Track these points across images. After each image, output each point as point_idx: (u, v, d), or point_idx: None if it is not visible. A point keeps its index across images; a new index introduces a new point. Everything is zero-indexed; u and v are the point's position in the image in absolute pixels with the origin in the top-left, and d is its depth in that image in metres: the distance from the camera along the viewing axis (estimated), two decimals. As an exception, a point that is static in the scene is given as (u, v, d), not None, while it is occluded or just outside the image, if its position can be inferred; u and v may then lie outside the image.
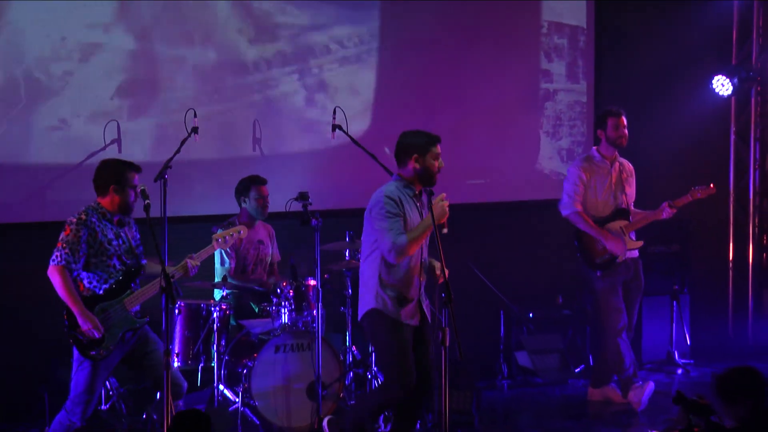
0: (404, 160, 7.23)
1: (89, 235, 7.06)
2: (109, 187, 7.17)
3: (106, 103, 9.06)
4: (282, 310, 8.51)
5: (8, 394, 8.72)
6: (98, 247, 7.08)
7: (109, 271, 7.12)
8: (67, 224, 7.09)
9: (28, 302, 8.79)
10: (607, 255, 8.96)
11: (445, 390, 6.73)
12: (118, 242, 7.18)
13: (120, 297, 7.12)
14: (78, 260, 7.03)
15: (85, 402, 7.12)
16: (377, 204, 7.06)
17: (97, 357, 7.06)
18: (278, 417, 8.39)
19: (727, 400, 5.76)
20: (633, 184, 9.17)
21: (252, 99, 9.60)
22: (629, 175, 9.14)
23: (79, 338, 7.03)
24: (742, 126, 11.58)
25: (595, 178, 8.99)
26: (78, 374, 7.14)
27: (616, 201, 9.03)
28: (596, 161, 9.02)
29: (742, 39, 11.49)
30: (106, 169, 7.27)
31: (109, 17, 9.05)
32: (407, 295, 7.13)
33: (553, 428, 8.69)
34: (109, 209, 7.19)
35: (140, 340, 7.23)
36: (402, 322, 7.10)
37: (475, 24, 10.44)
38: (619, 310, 8.95)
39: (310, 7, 9.76)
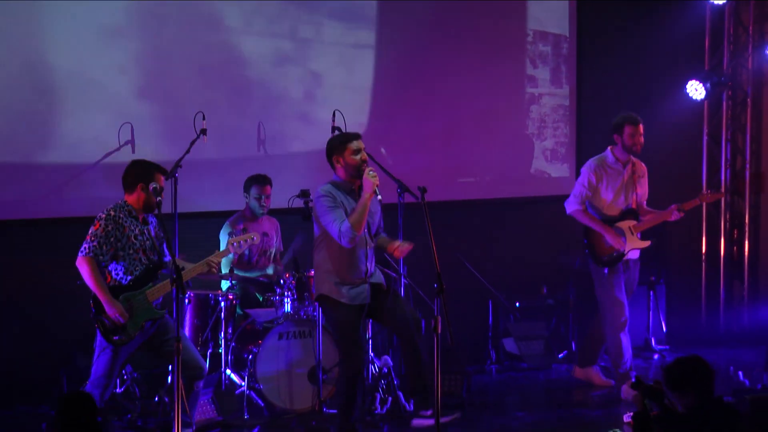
0: (331, 163, 7.51)
1: (116, 230, 7.05)
2: (137, 185, 7.16)
3: (120, 105, 9.04)
4: (285, 300, 8.53)
5: (30, 378, 8.72)
6: (125, 242, 7.08)
7: (134, 264, 7.11)
8: (96, 219, 7.09)
9: (48, 294, 8.79)
10: (614, 252, 8.77)
11: (438, 374, 6.74)
12: (142, 238, 7.17)
13: (143, 289, 7.10)
14: (105, 253, 7.02)
15: (104, 386, 7.11)
16: (317, 202, 7.37)
17: (119, 342, 7.05)
18: (281, 399, 8.40)
19: (675, 389, 5.81)
20: (645, 184, 8.98)
21: (257, 102, 9.59)
22: (641, 175, 8.95)
23: (105, 323, 7.02)
24: (714, 128, 11.58)
25: (607, 179, 8.80)
26: (99, 359, 7.13)
27: (627, 201, 8.85)
28: (609, 162, 8.83)
29: (714, 46, 11.49)
30: (137, 167, 7.24)
31: (121, 19, 9.05)
32: (349, 279, 7.40)
33: (538, 410, 8.69)
34: (134, 207, 7.18)
35: (160, 328, 7.21)
36: (346, 304, 7.37)
37: (466, 32, 10.42)
38: (622, 304, 8.79)
39: (309, 13, 9.76)
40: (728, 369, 9.44)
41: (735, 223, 11.63)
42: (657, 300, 10.62)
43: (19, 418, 8.49)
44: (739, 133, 11.56)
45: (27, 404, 8.63)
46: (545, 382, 9.68)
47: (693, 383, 5.81)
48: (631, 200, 8.90)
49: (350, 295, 7.42)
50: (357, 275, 7.45)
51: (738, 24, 11.44)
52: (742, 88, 11.51)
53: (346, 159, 7.42)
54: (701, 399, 5.80)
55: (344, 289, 7.41)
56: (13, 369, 8.73)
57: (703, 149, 11.57)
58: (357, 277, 7.45)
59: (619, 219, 8.86)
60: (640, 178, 8.96)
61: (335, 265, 7.40)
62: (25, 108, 8.82)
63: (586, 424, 8.24)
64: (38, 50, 8.81)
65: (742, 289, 11.61)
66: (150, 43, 9.19)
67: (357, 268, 7.43)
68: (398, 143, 10.06)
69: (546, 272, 10.61)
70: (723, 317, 11.55)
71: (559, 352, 10.31)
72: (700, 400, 5.80)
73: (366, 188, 7.21)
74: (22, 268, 8.86)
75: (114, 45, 9.02)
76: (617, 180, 8.84)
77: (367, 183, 7.20)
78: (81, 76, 8.93)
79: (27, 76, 8.80)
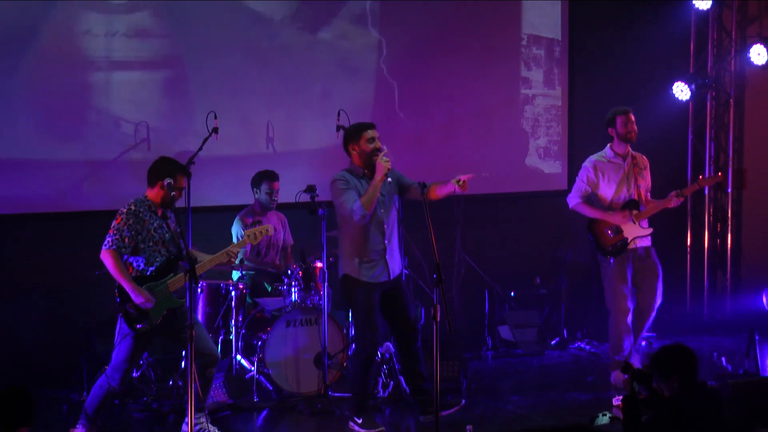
0: (348, 151, 7.60)
1: (137, 224, 7.04)
2: (159, 181, 7.14)
3: (137, 104, 9.04)
4: (292, 290, 8.52)
5: (52, 363, 8.73)
6: (145, 235, 7.07)
7: (154, 256, 7.09)
8: (118, 213, 7.08)
9: (68, 284, 8.79)
10: (618, 242, 8.68)
11: (437, 360, 6.73)
12: (161, 231, 7.15)
13: (164, 279, 7.09)
14: (127, 246, 7.01)
15: (125, 370, 7.12)
16: (332, 187, 7.49)
17: (142, 330, 7.04)
18: (289, 383, 8.40)
19: (661, 374, 5.85)
20: (647, 176, 8.88)
21: (265, 101, 9.58)
22: (643, 168, 8.86)
23: (130, 312, 7.01)
24: (698, 127, 11.56)
25: (608, 174, 8.73)
26: (121, 345, 7.12)
27: (629, 192, 8.75)
28: (608, 157, 8.77)
29: (698, 50, 11.47)
30: (163, 165, 7.22)
31: (138, 22, 9.06)
32: (367, 257, 7.45)
33: (531, 394, 8.67)
34: (154, 202, 7.16)
35: (179, 316, 7.18)
36: (365, 281, 7.42)
37: (464, 36, 10.41)
38: (625, 296, 8.68)
39: (316, 16, 9.79)
40: (711, 355, 9.42)
41: (718, 217, 11.61)
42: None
43: (41, 401, 8.46)
44: (722, 132, 11.54)
45: (49, 388, 8.62)
46: (538, 367, 9.67)
47: (677, 369, 5.83)
48: (633, 192, 8.78)
49: (369, 273, 7.49)
50: (374, 254, 7.51)
51: (721, 29, 11.42)
52: (725, 90, 11.49)
53: (361, 146, 7.52)
54: (685, 384, 5.81)
55: (363, 267, 7.48)
56: (35, 354, 8.74)
57: (688, 147, 11.56)
58: (374, 256, 7.50)
59: (622, 209, 8.73)
60: (642, 171, 8.86)
61: (354, 245, 7.48)
62: (50, 107, 8.82)
63: (577, 407, 8.23)
64: (70, 49, 8.82)
65: (724, 279, 11.59)
66: (167, 44, 9.17)
67: (374, 247, 7.49)
68: (399, 141, 10.03)
69: (539, 264, 10.60)
70: (707, 306, 11.53)
71: (551, 339, 10.30)
72: (684, 385, 5.81)
73: (378, 171, 7.31)
74: (43, 259, 8.86)
75: (138, 45, 9.04)
76: (618, 173, 8.75)
77: (379, 166, 7.31)
78: (103, 75, 8.94)
79: (56, 74, 8.81)
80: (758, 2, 11.27)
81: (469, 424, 7.01)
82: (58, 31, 8.81)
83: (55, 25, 8.79)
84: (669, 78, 11.05)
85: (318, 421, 7.97)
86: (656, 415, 5.83)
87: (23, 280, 8.85)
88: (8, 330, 8.76)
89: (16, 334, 8.76)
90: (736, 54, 11.28)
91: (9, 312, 8.79)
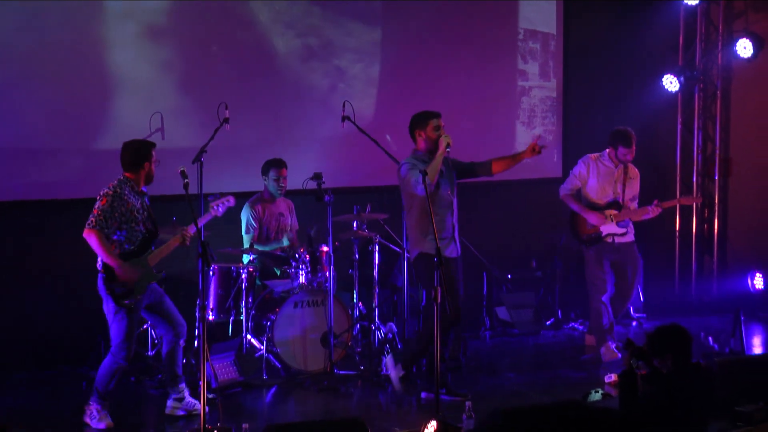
0: (413, 136, 7.75)
1: (121, 205, 7.03)
2: (143, 164, 7.14)
3: (152, 95, 9.02)
4: (300, 272, 8.51)
5: (72, 342, 8.74)
6: (128, 215, 7.05)
7: (135, 234, 7.09)
8: (102, 195, 7.05)
9: (87, 267, 8.75)
10: (593, 233, 8.88)
11: (437, 339, 6.73)
12: (142, 210, 7.14)
13: (144, 255, 7.09)
14: (110, 226, 6.99)
15: (127, 347, 7.10)
16: (402, 169, 7.61)
17: (130, 306, 7.04)
18: (297, 362, 8.40)
19: (655, 353, 5.87)
20: (636, 186, 9.03)
21: (273, 93, 9.55)
22: (633, 177, 9.01)
23: (115, 291, 7.00)
24: (687, 118, 11.54)
25: (600, 174, 8.90)
26: (115, 326, 7.10)
27: (614, 195, 8.91)
28: (603, 160, 8.93)
29: (687, 44, 11.43)
30: (138, 150, 7.20)
31: (155, 17, 9.04)
32: (442, 236, 7.52)
33: (527, 371, 8.67)
34: (137, 182, 7.15)
35: (155, 290, 7.24)
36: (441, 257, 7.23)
37: (463, 31, 10.40)
38: (603, 280, 8.87)
39: (326, 14, 9.75)
40: (699, 335, 9.40)
41: (705, 203, 11.60)
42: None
43: (62, 377, 8.52)
44: (709, 122, 11.52)
45: (68, 365, 8.65)
46: (534, 346, 9.66)
47: (671, 348, 5.82)
48: (619, 196, 8.94)
49: (444, 247, 7.54)
50: (446, 231, 7.62)
51: (709, 24, 11.39)
52: (713, 82, 11.46)
53: (427, 133, 7.67)
54: (678, 362, 5.81)
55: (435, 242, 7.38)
56: (57, 333, 8.74)
57: (677, 136, 11.54)
58: (446, 234, 7.62)
59: (605, 208, 8.92)
60: (632, 180, 9.02)
61: (425, 224, 7.50)
62: (71, 101, 8.81)
63: (571, 384, 8.23)
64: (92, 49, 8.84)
65: (711, 263, 11.59)
66: (184, 40, 9.15)
67: (444, 224, 7.61)
68: (402, 131, 9.99)
69: (535, 247, 10.59)
70: (695, 288, 11.54)
71: (546, 320, 10.31)
72: (677, 364, 5.81)
73: (440, 146, 7.50)
74: (63, 244, 8.84)
75: (155, 42, 9.03)
76: (609, 176, 8.92)
77: (441, 142, 7.50)
78: (122, 70, 8.95)
79: (78, 72, 8.81)
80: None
81: (468, 400, 7.01)
82: (77, 27, 8.79)
83: (76, 19, 8.76)
84: (659, 70, 11.05)
85: (324, 397, 7.97)
86: (652, 391, 5.83)
87: (44, 265, 8.84)
88: (32, 311, 8.76)
89: (39, 315, 8.77)
90: (723, 48, 11.25)
91: (32, 294, 8.79)
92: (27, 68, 8.65)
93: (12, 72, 8.62)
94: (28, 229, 8.84)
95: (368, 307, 8.93)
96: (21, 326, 8.70)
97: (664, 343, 5.88)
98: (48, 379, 8.50)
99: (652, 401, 5.83)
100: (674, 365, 5.84)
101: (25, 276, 8.82)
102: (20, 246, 8.81)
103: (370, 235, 8.79)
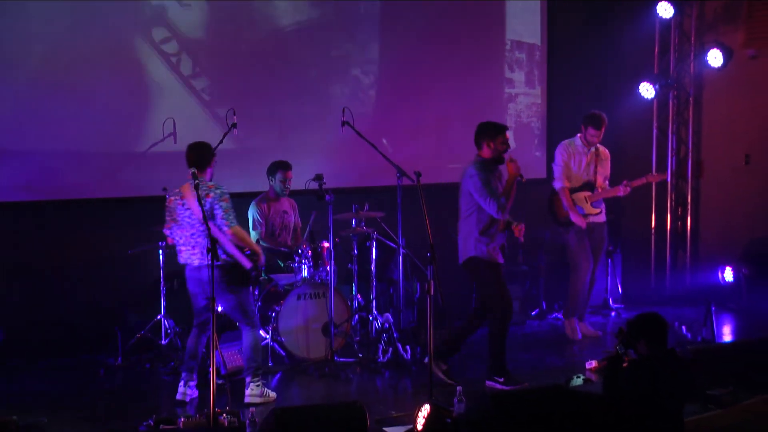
0: (479, 143, 7.72)
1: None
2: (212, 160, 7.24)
3: (165, 102, 9.00)
4: (303, 267, 8.51)
5: (90, 331, 8.72)
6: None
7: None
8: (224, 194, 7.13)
9: (104, 261, 8.79)
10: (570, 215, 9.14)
11: (430, 328, 6.72)
12: None
13: None
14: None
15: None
16: (474, 178, 7.54)
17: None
18: (300, 350, 8.39)
19: (632, 337, 5.91)
20: (606, 166, 9.29)
21: (277, 98, 9.54)
22: (604, 159, 9.25)
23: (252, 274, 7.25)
24: (662, 122, 11.54)
25: (574, 157, 9.12)
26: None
27: (588, 176, 9.15)
28: (576, 144, 9.15)
29: (662, 54, 11.44)
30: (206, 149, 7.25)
31: (177, 28, 9.03)
32: (494, 241, 7.58)
33: (513, 358, 8.65)
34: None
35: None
36: (495, 263, 7.56)
37: (455, 42, 10.39)
38: (587, 260, 9.14)
39: (328, 21, 9.75)
40: (673, 324, 9.40)
41: (679, 202, 11.60)
42: (614, 266, 10.61)
43: (81, 364, 8.50)
44: (683, 127, 11.52)
45: (87, 353, 8.63)
46: (521, 335, 9.65)
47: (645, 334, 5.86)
48: (592, 177, 9.16)
49: (496, 254, 7.62)
50: (499, 239, 7.65)
51: (682, 35, 11.39)
52: (686, 90, 11.46)
53: (496, 145, 7.62)
54: (653, 348, 5.82)
55: (492, 249, 7.60)
56: (76, 324, 8.73)
57: (653, 140, 11.54)
58: (499, 241, 7.65)
59: (579, 189, 9.17)
60: (603, 161, 9.24)
61: (485, 230, 7.56)
62: (95, 106, 8.79)
63: (555, 370, 8.23)
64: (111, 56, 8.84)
65: (685, 257, 11.58)
66: (193, 48, 9.14)
67: (499, 232, 7.64)
68: (397, 134, 10.03)
69: (521, 243, 10.56)
70: (669, 281, 11.54)
71: (531, 311, 10.32)
72: (651, 349, 5.82)
73: (512, 171, 7.47)
74: (83, 240, 8.85)
75: (167, 48, 9.02)
76: (583, 159, 9.14)
77: (511, 168, 7.47)
78: (139, 77, 8.94)
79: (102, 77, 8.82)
80: (714, 12, 11.25)
81: (459, 385, 7.01)
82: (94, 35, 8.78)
83: (100, 30, 8.75)
84: (636, 78, 11.04)
85: (326, 382, 7.97)
86: (634, 376, 5.86)
87: (66, 258, 8.83)
88: (54, 302, 8.75)
89: (61, 306, 8.75)
90: (695, 57, 11.25)
91: (54, 287, 8.78)
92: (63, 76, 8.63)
93: (48, 80, 8.59)
94: (46, 225, 8.83)
95: (366, 299, 8.92)
96: (46, 318, 8.68)
97: (640, 329, 5.90)
98: (68, 366, 8.49)
99: (633, 385, 5.84)
100: (649, 350, 5.85)
101: (51, 272, 8.80)
102: (44, 245, 8.78)
103: (368, 231, 8.78)
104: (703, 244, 11.58)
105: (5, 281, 8.52)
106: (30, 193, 8.61)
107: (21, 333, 8.38)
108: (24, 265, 8.68)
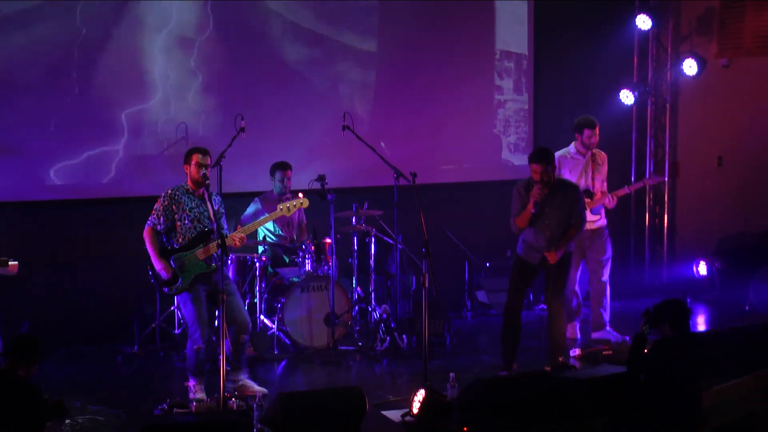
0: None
1: (173, 204, 7.02)
2: (185, 165, 7.13)
3: (177, 108, 9.00)
4: (306, 261, 8.50)
5: (108, 321, 8.72)
6: (181, 213, 7.02)
7: (190, 231, 7.03)
8: (160, 197, 7.08)
9: (121, 255, 8.77)
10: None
11: (425, 318, 6.72)
12: (197, 210, 7.07)
13: (193, 249, 7.03)
14: (163, 223, 7.01)
15: (199, 327, 6.95)
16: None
17: (170, 292, 7.04)
18: (303, 339, 8.39)
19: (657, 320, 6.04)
20: (603, 170, 8.82)
21: (285, 103, 9.52)
22: (600, 163, 8.80)
23: (159, 278, 7.03)
24: (641, 127, 11.55)
25: (570, 166, 8.69)
26: (184, 309, 7.10)
27: (585, 183, 8.70)
28: (572, 154, 8.74)
29: (641, 63, 11.45)
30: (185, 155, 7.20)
31: (184, 31, 9.00)
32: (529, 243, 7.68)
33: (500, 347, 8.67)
34: (189, 185, 7.11)
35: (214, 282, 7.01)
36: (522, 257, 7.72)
37: (448, 51, 10.36)
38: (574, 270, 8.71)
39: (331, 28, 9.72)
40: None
41: (657, 201, 11.62)
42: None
43: (101, 352, 8.50)
44: (660, 131, 11.53)
45: (107, 342, 8.63)
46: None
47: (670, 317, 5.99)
48: (590, 183, 8.74)
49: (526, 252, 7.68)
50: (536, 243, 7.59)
51: (659, 46, 11.40)
52: (663, 96, 11.47)
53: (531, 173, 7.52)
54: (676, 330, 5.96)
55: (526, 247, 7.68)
56: (97, 315, 8.72)
57: (632, 143, 11.55)
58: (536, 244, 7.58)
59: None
60: (600, 166, 8.80)
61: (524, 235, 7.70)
62: (113, 110, 8.78)
63: (540, 357, 8.21)
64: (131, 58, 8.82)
65: (662, 252, 11.61)
66: (203, 55, 9.12)
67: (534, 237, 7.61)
68: (394, 137, 10.01)
69: (510, 239, 10.45)
70: (647, 274, 11.56)
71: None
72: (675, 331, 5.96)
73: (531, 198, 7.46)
74: (102, 236, 8.85)
75: (184, 54, 9.01)
76: (577, 167, 8.73)
77: (533, 196, 7.45)
78: (152, 84, 8.92)
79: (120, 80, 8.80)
80: (689, 24, 11.28)
81: (452, 372, 7.01)
82: (116, 42, 8.76)
83: (103, 31, 8.72)
84: (616, 86, 11.04)
85: (328, 369, 7.98)
86: (655, 352, 5.99)
87: (87, 254, 8.83)
88: (74, 294, 8.75)
89: (81, 297, 8.75)
90: (671, 66, 11.27)
91: (74, 279, 8.78)
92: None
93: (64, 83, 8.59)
94: (74, 225, 8.83)
95: (365, 291, 8.92)
96: (68, 310, 8.68)
97: (665, 312, 5.99)
98: (89, 353, 8.50)
99: (651, 361, 5.96)
100: (672, 332, 5.95)
101: (72, 267, 8.81)
102: (67, 241, 8.79)
103: (367, 228, 8.78)
104: (679, 240, 11.60)
105: (30, 275, 8.51)
106: (55, 193, 8.63)
107: (44, 323, 8.38)
108: (48, 261, 8.68)
